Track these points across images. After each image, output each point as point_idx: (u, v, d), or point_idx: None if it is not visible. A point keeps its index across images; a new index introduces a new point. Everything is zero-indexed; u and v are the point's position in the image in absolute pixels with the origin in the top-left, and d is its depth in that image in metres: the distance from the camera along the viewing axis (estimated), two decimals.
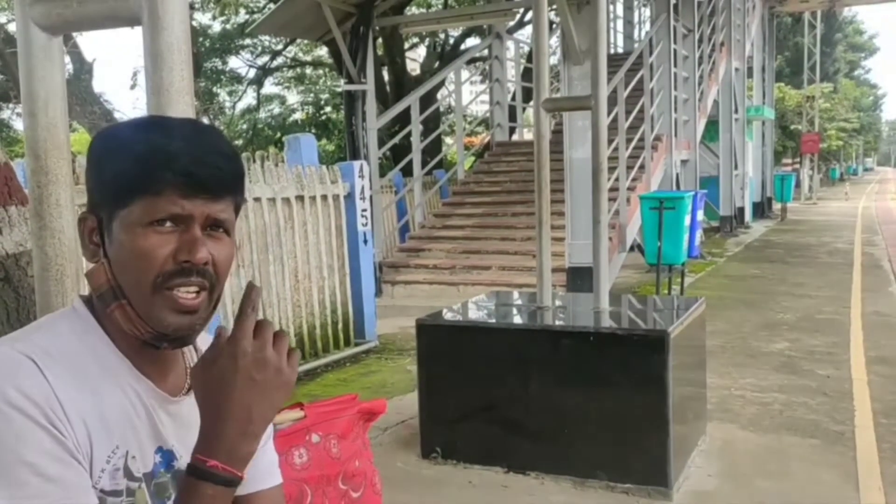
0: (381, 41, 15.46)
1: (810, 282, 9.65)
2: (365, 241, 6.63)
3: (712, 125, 15.08)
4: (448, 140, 16.29)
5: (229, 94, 22.64)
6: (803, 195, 29.52)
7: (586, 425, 3.58)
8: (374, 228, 7.98)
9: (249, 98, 22.90)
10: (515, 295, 5.12)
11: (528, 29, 17.52)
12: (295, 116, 23.44)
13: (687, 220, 7.79)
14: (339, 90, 16.78)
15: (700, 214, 8.68)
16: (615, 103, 8.50)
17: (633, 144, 9.44)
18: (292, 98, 24.13)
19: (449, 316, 4.30)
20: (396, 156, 13.60)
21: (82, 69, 14.15)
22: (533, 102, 4.38)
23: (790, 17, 33.10)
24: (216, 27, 20.70)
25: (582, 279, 7.72)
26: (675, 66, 10.89)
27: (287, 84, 23.59)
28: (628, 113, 9.28)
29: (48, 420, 0.89)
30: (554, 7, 8.17)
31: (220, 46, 20.68)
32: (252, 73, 21.85)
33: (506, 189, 11.10)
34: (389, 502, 2.57)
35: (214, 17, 19.53)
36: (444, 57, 18.83)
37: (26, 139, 1.45)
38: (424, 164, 11.35)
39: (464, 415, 3.86)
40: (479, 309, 4.42)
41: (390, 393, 5.12)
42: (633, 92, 9.56)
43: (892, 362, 5.69)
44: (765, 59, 21.33)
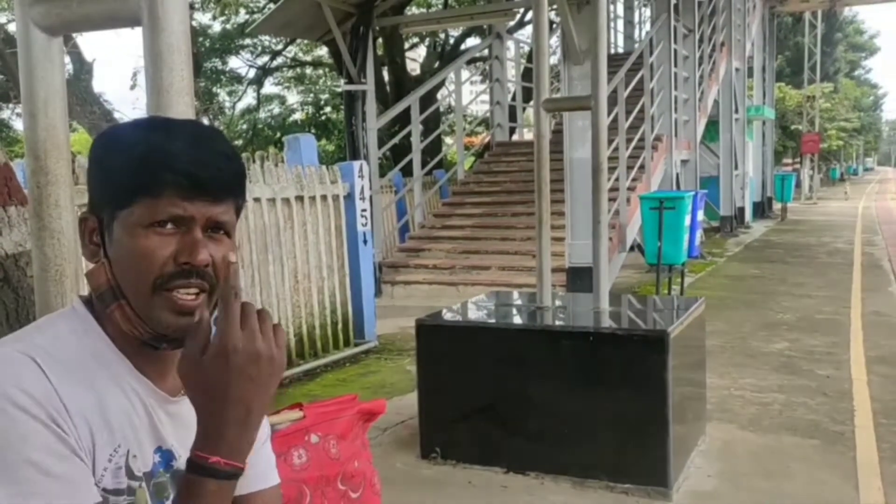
0: (381, 41, 15.45)
1: (810, 282, 9.65)
2: (365, 241, 6.63)
3: (712, 125, 15.08)
4: (448, 140, 16.29)
5: (229, 94, 22.63)
6: (803, 195, 29.53)
7: (586, 425, 3.58)
8: (374, 228, 7.98)
9: (249, 98, 22.93)
10: (515, 295, 5.12)
11: (529, 29, 17.52)
12: (295, 116, 23.43)
13: (687, 220, 7.79)
14: (339, 90, 16.78)
15: (700, 214, 8.69)
16: (615, 103, 8.50)
17: (633, 144, 9.44)
18: (292, 98, 24.15)
19: (449, 316, 4.30)
20: (396, 156, 13.60)
21: (82, 69, 14.14)
22: (533, 102, 4.38)
23: (791, 17, 33.10)
24: (216, 27, 20.70)
25: (582, 279, 7.71)
26: (676, 66, 10.88)
27: (287, 84, 23.57)
28: (628, 113, 9.28)
29: (51, 419, 0.90)
30: (554, 7, 8.17)
31: (220, 46, 20.66)
32: (252, 73, 21.87)
33: (506, 189, 11.10)
34: (389, 502, 2.57)
35: (214, 16, 19.52)
36: (444, 57, 18.83)
37: (26, 139, 1.45)
38: (424, 164, 11.34)
39: (463, 415, 3.86)
40: (478, 309, 4.42)
41: (390, 393, 5.12)
42: (634, 92, 9.55)
43: (891, 362, 5.69)
44: (765, 59, 21.33)
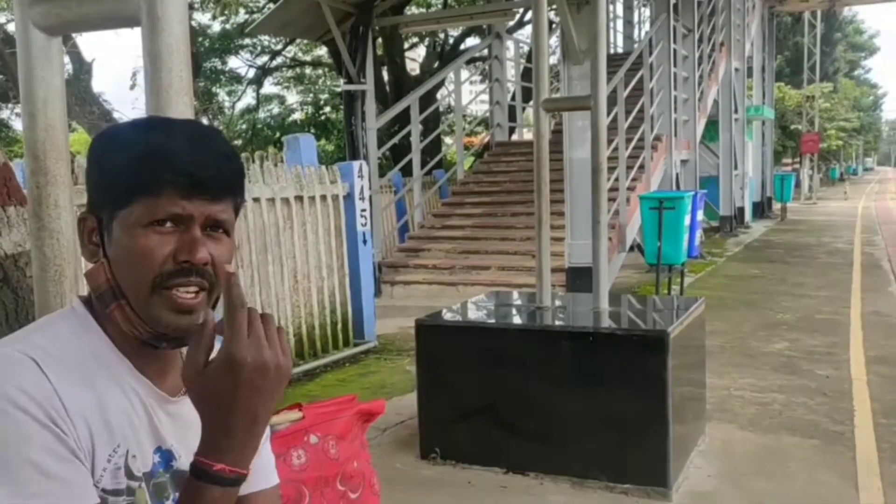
0: (380, 41, 15.45)
1: (810, 282, 9.65)
2: (364, 241, 6.63)
3: (712, 125, 15.08)
4: (448, 140, 16.29)
5: (229, 93, 22.63)
6: (803, 195, 29.53)
7: (585, 425, 3.58)
8: (374, 228, 7.98)
9: (249, 98, 22.92)
10: (515, 295, 5.11)
11: (528, 29, 17.52)
12: (294, 116, 23.42)
13: (687, 220, 7.79)
14: (338, 90, 16.78)
15: (700, 214, 8.68)
16: (615, 103, 8.50)
17: (632, 144, 9.43)
18: (292, 98, 24.14)
19: (448, 316, 4.30)
20: (396, 156, 13.60)
21: (82, 69, 14.13)
22: (532, 102, 4.38)
23: (790, 17, 33.10)
24: (216, 27, 20.69)
25: (581, 279, 7.71)
26: (675, 65, 10.88)
27: (286, 84, 23.56)
28: (628, 113, 9.28)
29: (50, 419, 0.90)
30: (553, 7, 8.16)
31: (219, 46, 20.65)
32: (251, 73, 21.85)
33: (505, 189, 11.10)
34: (388, 503, 2.57)
35: (214, 16, 19.49)
36: (443, 57, 18.83)
37: (25, 140, 1.45)
38: (424, 164, 11.34)
39: (463, 415, 3.86)
40: (478, 309, 4.42)
41: (389, 393, 5.12)
42: (633, 92, 9.55)
43: (891, 362, 5.69)
44: (765, 59, 21.34)
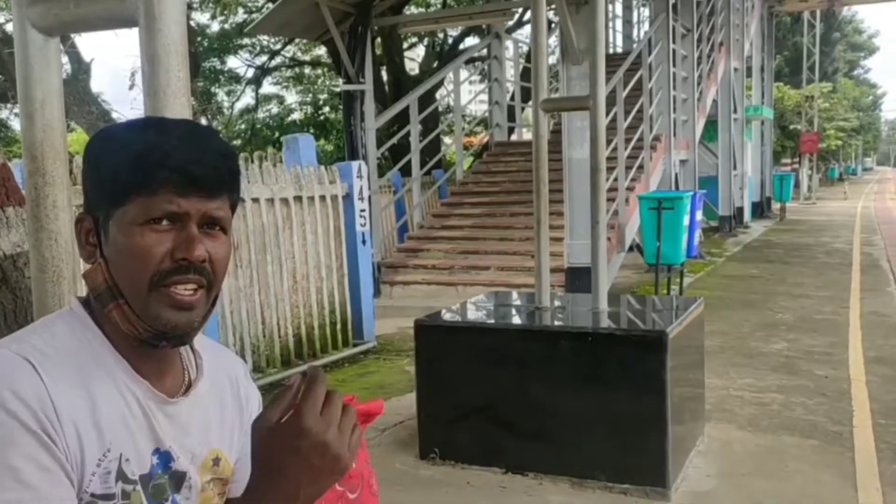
0: (379, 41, 15.44)
1: (809, 282, 9.65)
2: (363, 241, 6.62)
3: (711, 125, 15.08)
4: (447, 140, 16.29)
5: (227, 93, 22.62)
6: (802, 195, 29.53)
7: (584, 426, 3.58)
8: (373, 229, 7.97)
9: (248, 98, 22.90)
10: (514, 295, 5.11)
11: (527, 29, 17.52)
12: (293, 116, 23.41)
13: (686, 220, 7.79)
14: (337, 90, 16.78)
15: (699, 214, 8.68)
16: (614, 103, 8.50)
17: (631, 144, 9.43)
18: (291, 98, 24.11)
19: (447, 316, 4.30)
20: (395, 156, 13.59)
21: (80, 69, 14.10)
22: (531, 102, 4.37)
23: (789, 17, 33.09)
24: (214, 27, 20.68)
25: (580, 279, 7.71)
26: (674, 65, 10.88)
27: (285, 84, 23.54)
28: (627, 113, 9.27)
29: (39, 425, 0.89)
30: (552, 7, 8.16)
31: (218, 46, 20.65)
32: (250, 73, 21.84)
33: (504, 189, 11.09)
34: (387, 503, 2.57)
35: (213, 16, 19.49)
36: (442, 57, 18.82)
37: (23, 141, 1.45)
38: (423, 164, 11.33)
39: (462, 415, 3.86)
40: (477, 309, 4.42)
41: (388, 393, 5.12)
42: (632, 92, 9.55)
43: (890, 362, 5.69)
44: (764, 59, 21.35)
